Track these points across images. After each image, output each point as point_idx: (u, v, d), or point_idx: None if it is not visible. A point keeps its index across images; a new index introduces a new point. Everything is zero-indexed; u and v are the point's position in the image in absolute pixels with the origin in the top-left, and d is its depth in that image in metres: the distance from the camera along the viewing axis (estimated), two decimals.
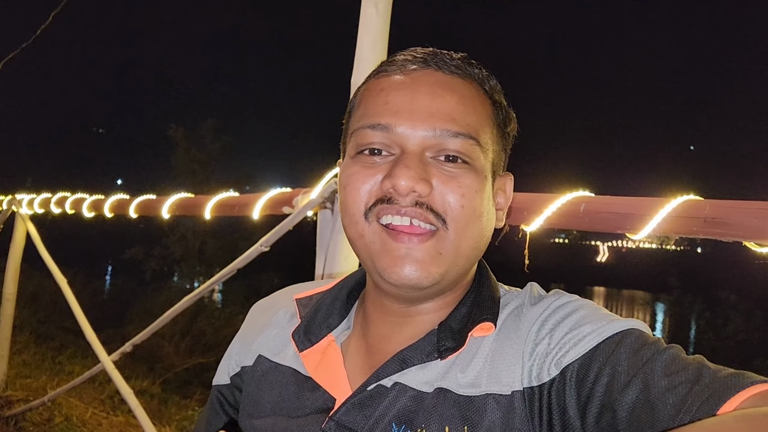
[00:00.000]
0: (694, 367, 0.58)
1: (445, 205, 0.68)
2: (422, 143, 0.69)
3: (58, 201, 3.37)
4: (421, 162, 0.69)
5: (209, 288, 2.25)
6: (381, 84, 0.74)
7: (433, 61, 0.73)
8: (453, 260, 0.70)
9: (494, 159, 0.74)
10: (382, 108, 0.71)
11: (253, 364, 0.86)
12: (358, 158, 0.72)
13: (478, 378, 0.68)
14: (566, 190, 1.32)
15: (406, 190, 0.67)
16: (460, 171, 0.69)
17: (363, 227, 0.71)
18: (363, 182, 0.71)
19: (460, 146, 0.69)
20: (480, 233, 0.72)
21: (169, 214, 2.42)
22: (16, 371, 4.59)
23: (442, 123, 0.69)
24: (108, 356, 2.88)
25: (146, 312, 11.34)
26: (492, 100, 0.75)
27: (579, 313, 0.69)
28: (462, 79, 0.73)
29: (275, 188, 1.99)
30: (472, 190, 0.69)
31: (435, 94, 0.70)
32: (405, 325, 0.76)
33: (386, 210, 0.69)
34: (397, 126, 0.69)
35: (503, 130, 0.77)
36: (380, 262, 0.70)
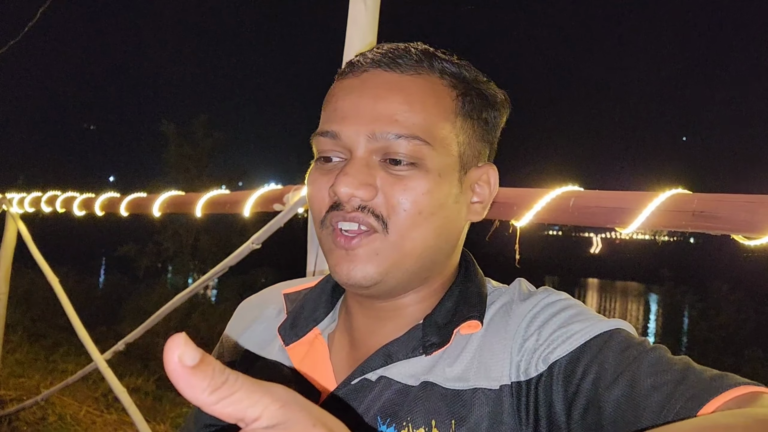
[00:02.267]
0: (680, 368, 0.58)
1: (387, 208, 0.69)
2: (367, 147, 0.70)
3: (48, 199, 3.35)
4: (367, 167, 0.69)
5: (202, 285, 2.25)
6: (335, 88, 0.75)
7: (384, 61, 0.71)
8: (396, 260, 0.70)
9: (462, 151, 0.73)
10: (332, 114, 0.72)
11: (240, 360, 0.86)
12: (317, 165, 0.75)
13: (466, 372, 0.69)
14: (556, 184, 1.33)
15: (346, 197, 0.68)
16: (407, 173, 0.69)
17: (320, 231, 0.74)
18: (318, 189, 0.73)
19: (404, 148, 0.69)
20: (432, 232, 0.71)
21: (160, 212, 2.42)
22: (9, 370, 4.58)
23: (383, 125, 0.69)
24: (101, 355, 2.88)
25: (140, 309, 11.32)
26: (456, 90, 0.74)
27: (568, 311, 0.69)
28: (412, 77, 0.71)
29: (267, 184, 1.99)
30: (419, 192, 0.69)
31: (378, 96, 0.70)
32: (386, 319, 0.77)
33: (336, 216, 0.70)
34: (342, 132, 0.70)
35: (477, 117, 0.75)
36: (328, 262, 0.73)
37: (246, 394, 0.31)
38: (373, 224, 0.69)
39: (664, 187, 1.17)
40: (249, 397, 0.32)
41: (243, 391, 0.32)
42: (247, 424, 0.32)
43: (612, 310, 21.62)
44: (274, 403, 0.32)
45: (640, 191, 1.20)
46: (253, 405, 0.32)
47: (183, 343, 0.31)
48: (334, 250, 0.71)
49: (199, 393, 0.31)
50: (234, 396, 0.31)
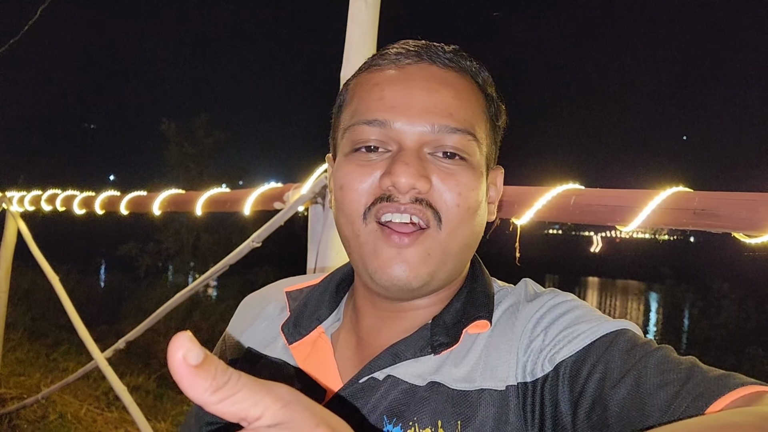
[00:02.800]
0: (686, 367, 0.58)
1: (442, 202, 0.68)
2: (420, 139, 0.69)
3: (48, 198, 3.35)
4: (420, 158, 0.68)
5: (202, 284, 2.25)
6: (374, 78, 0.72)
7: (426, 55, 0.72)
8: (441, 260, 0.70)
9: (488, 153, 0.74)
10: (378, 103, 0.70)
11: (242, 357, 0.86)
12: (354, 156, 0.71)
13: (472, 373, 0.68)
14: (557, 183, 1.33)
15: (406, 187, 0.66)
16: (457, 168, 0.69)
17: (360, 227, 0.70)
18: (361, 181, 0.70)
19: (458, 142, 0.69)
20: (472, 230, 0.72)
21: (160, 210, 2.41)
22: (10, 369, 4.58)
23: (440, 118, 0.68)
24: (101, 353, 2.88)
25: (140, 308, 11.32)
26: (485, 93, 0.75)
27: (574, 312, 0.69)
28: (456, 73, 0.72)
29: (267, 183, 1.99)
30: (469, 188, 0.69)
31: (431, 89, 0.69)
32: (397, 319, 0.76)
33: (386, 208, 0.68)
34: (394, 122, 0.69)
35: (495, 123, 0.77)
36: (371, 264, 0.69)
37: (248, 394, 0.31)
38: (430, 218, 0.68)
39: (665, 185, 1.17)
40: (251, 396, 0.31)
41: (245, 391, 0.31)
42: (249, 423, 0.32)
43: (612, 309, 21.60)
44: (276, 403, 0.32)
45: (641, 189, 1.20)
46: (255, 404, 0.31)
47: (187, 342, 0.31)
48: (382, 250, 0.68)
49: (202, 392, 0.31)
50: (236, 396, 0.31)
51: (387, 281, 0.68)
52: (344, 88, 0.79)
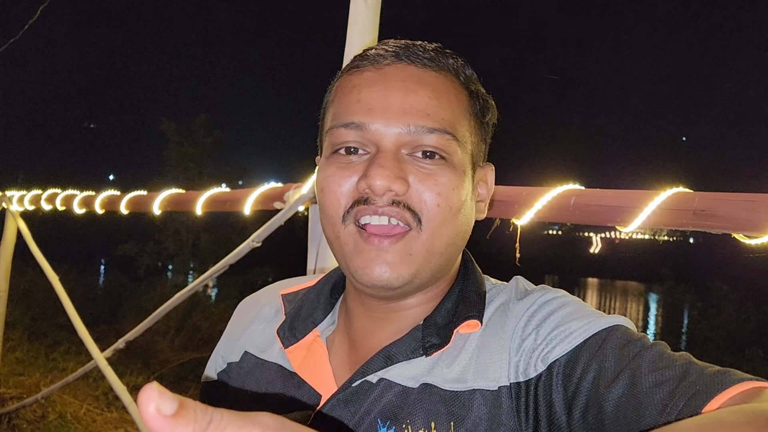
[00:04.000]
0: (681, 364, 0.58)
1: (421, 203, 0.68)
2: (397, 140, 0.69)
3: (48, 197, 3.35)
4: (397, 160, 0.68)
5: (202, 283, 2.25)
6: (353, 80, 0.73)
7: (405, 55, 0.71)
8: (424, 259, 0.69)
9: (473, 151, 0.74)
10: (355, 106, 0.70)
11: (239, 361, 0.86)
12: (334, 158, 0.72)
13: (464, 373, 0.68)
14: (557, 183, 1.33)
15: (382, 189, 0.66)
16: (436, 168, 0.69)
17: (339, 229, 0.70)
18: (339, 184, 0.70)
19: (436, 142, 0.69)
20: (456, 230, 0.71)
21: (161, 210, 2.41)
22: (9, 369, 4.59)
23: (417, 119, 0.68)
24: (101, 353, 2.88)
25: (140, 308, 11.30)
26: (468, 90, 0.75)
27: (565, 309, 0.69)
28: (435, 72, 0.72)
29: (267, 183, 1.99)
30: (449, 187, 0.69)
31: (408, 89, 0.69)
32: (388, 320, 0.76)
33: (364, 211, 0.68)
34: (370, 124, 0.69)
35: (481, 120, 0.76)
36: (352, 263, 0.70)
37: (234, 429, 0.30)
38: (408, 220, 0.68)
39: (665, 186, 1.17)
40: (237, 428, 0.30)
41: (231, 427, 0.30)
42: None
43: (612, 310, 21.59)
44: None
45: (641, 190, 1.20)
46: None
47: (156, 393, 0.29)
48: (362, 252, 0.69)
49: None
50: None
51: (368, 281, 0.69)
52: (328, 89, 0.79)
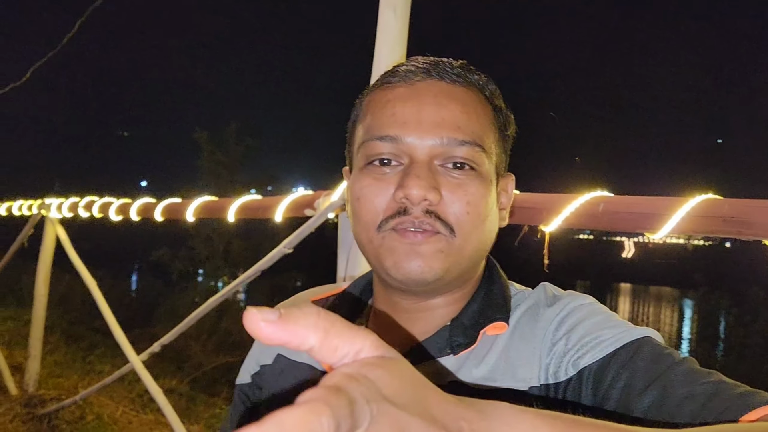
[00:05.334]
0: (712, 381, 0.59)
1: (452, 213, 0.72)
2: (430, 152, 0.72)
3: (86, 205, 3.45)
4: (431, 170, 0.71)
5: (235, 288, 2.30)
6: (386, 95, 0.76)
7: (435, 71, 0.75)
8: (456, 259, 0.73)
9: (497, 162, 0.78)
10: (390, 119, 0.74)
11: (272, 363, 0.90)
12: (368, 169, 0.75)
13: (493, 373, 0.70)
14: (585, 190, 1.33)
15: (418, 199, 0.70)
16: (466, 178, 0.72)
17: (374, 235, 0.74)
18: (376, 194, 0.74)
19: (467, 153, 0.72)
20: (483, 235, 0.75)
21: (194, 217, 2.47)
22: (48, 371, 4.71)
23: (449, 132, 0.72)
24: (137, 356, 2.95)
25: (173, 312, 11.50)
26: (492, 105, 0.78)
27: (596, 317, 0.71)
28: (464, 87, 0.76)
29: (295, 188, 2.03)
30: (478, 196, 0.73)
31: (440, 104, 0.73)
32: (416, 320, 0.79)
33: (402, 222, 0.71)
34: (405, 136, 0.72)
35: (504, 133, 0.80)
36: (387, 260, 0.73)
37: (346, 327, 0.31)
38: (440, 228, 0.71)
39: (698, 191, 1.17)
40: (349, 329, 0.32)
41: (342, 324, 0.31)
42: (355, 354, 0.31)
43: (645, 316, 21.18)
44: (371, 335, 0.32)
45: (670, 197, 1.20)
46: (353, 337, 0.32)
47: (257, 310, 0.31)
48: (397, 248, 0.72)
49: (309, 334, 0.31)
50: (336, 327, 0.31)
51: (403, 275, 0.72)
52: (357, 104, 0.83)
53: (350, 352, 0.31)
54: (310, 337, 0.31)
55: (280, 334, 0.30)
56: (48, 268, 4.09)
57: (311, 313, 0.31)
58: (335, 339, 0.31)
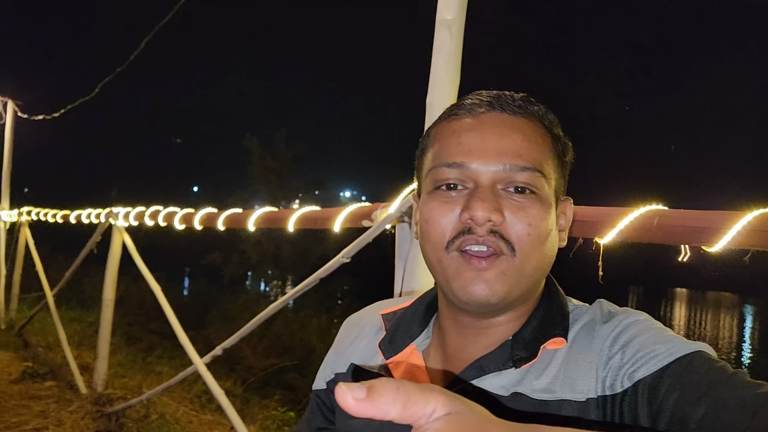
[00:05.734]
0: (763, 392, 0.61)
1: (514, 233, 0.77)
2: (493, 177, 0.78)
3: (151, 214, 3.63)
4: (494, 194, 0.77)
5: (295, 295, 2.40)
6: (452, 126, 0.83)
7: (497, 104, 0.82)
8: (516, 280, 0.78)
9: (556, 186, 0.83)
10: (456, 148, 0.80)
11: (346, 371, 0.96)
12: (436, 193, 0.82)
13: (553, 384, 0.75)
14: (641, 203, 1.36)
15: (482, 220, 0.76)
16: (527, 201, 0.78)
17: (442, 255, 0.80)
18: (443, 216, 0.80)
19: (527, 178, 0.78)
20: (543, 255, 0.80)
21: (255, 227, 2.58)
22: (113, 371, 4.92)
23: (511, 159, 0.78)
24: (200, 359, 3.08)
25: (225, 315, 11.80)
26: (551, 133, 0.84)
27: (649, 332, 0.75)
28: (524, 118, 0.82)
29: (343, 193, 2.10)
30: (539, 218, 0.78)
31: (502, 134, 0.79)
32: (479, 336, 0.84)
33: (467, 240, 0.77)
34: (470, 163, 0.79)
35: (562, 159, 0.85)
36: (454, 283, 0.79)
37: (420, 394, 0.37)
38: (502, 247, 0.77)
39: (756, 206, 1.18)
40: (422, 395, 0.37)
41: (417, 392, 0.37)
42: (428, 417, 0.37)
43: (703, 322, 20.45)
44: (441, 395, 0.37)
45: (726, 211, 1.21)
46: (426, 402, 0.37)
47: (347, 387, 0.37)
48: (463, 272, 0.78)
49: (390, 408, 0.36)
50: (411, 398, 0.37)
51: (468, 298, 0.77)
52: (426, 134, 0.89)
53: (425, 415, 0.37)
54: (390, 411, 0.36)
55: (366, 410, 0.37)
56: (115, 273, 4.30)
57: (391, 388, 0.37)
58: (412, 408, 0.37)
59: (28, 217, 6.70)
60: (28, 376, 4.88)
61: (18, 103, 8.02)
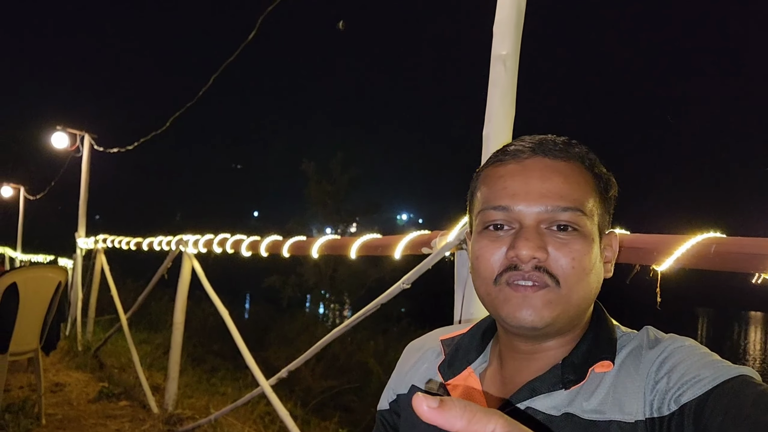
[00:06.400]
0: None
1: (559, 267, 0.83)
2: (537, 218, 0.85)
3: (219, 241, 3.81)
4: (538, 233, 0.84)
5: (359, 319, 2.48)
6: (498, 171, 0.90)
7: (539, 149, 0.88)
8: (563, 308, 0.84)
9: (600, 222, 0.88)
10: (502, 192, 0.87)
11: (407, 392, 1.04)
12: (485, 233, 0.89)
13: (602, 406, 0.80)
14: (698, 230, 1.38)
15: (527, 257, 0.82)
16: (570, 237, 0.84)
17: (491, 288, 0.87)
18: (492, 254, 0.87)
19: (569, 217, 0.84)
20: (588, 287, 0.86)
21: (318, 254, 2.70)
22: (181, 392, 5.11)
23: (553, 200, 0.84)
24: (266, 380, 3.20)
25: (284, 337, 12.02)
26: (593, 172, 0.89)
27: (695, 357, 0.79)
28: (566, 161, 0.88)
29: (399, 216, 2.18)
30: (581, 253, 0.84)
31: (545, 178, 0.86)
32: (531, 360, 0.90)
33: (513, 276, 0.84)
34: (515, 206, 0.85)
35: (605, 195, 0.91)
36: (503, 310, 0.85)
37: (483, 414, 0.43)
38: (547, 281, 0.83)
39: None
40: (485, 416, 0.43)
41: (481, 413, 0.43)
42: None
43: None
44: (501, 418, 0.43)
45: None
46: (488, 422, 0.42)
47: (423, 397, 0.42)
48: (511, 299, 0.85)
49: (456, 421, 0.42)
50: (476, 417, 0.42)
51: (517, 323, 0.84)
52: (475, 176, 0.97)
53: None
54: (457, 423, 0.42)
55: (437, 419, 0.42)
56: (185, 297, 4.51)
57: (460, 405, 0.43)
58: (475, 425, 0.42)
59: (104, 244, 7.08)
60: (104, 396, 5.13)
61: (93, 137, 8.56)
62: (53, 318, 4.40)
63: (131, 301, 6.73)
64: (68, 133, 8.49)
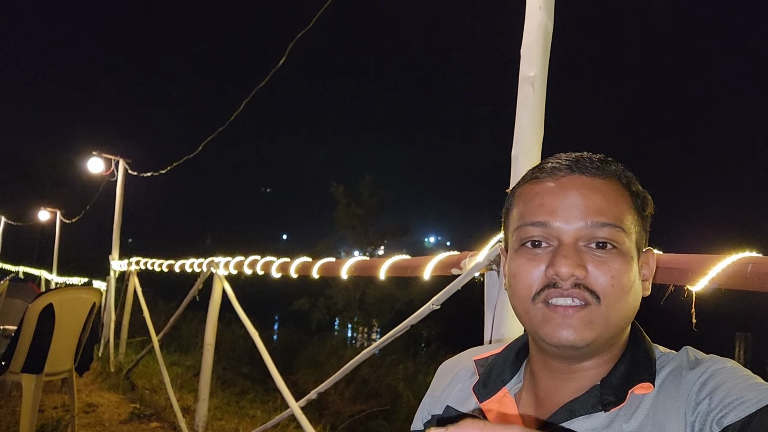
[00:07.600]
0: None
1: (599, 284, 0.82)
2: (576, 234, 0.84)
3: (250, 263, 3.85)
4: (576, 250, 0.83)
5: (388, 340, 2.48)
6: (535, 189, 0.90)
7: (576, 167, 0.88)
8: (603, 327, 0.82)
9: (637, 239, 0.87)
10: (539, 209, 0.87)
11: (442, 413, 1.03)
12: (522, 251, 0.88)
13: (642, 428, 0.79)
14: (734, 250, 1.35)
15: (567, 275, 0.82)
16: (609, 255, 0.83)
17: (529, 307, 0.86)
18: (530, 272, 0.86)
19: (608, 234, 0.83)
20: (627, 305, 0.84)
21: (348, 275, 2.71)
22: (211, 414, 5.14)
23: (592, 216, 0.84)
24: (296, 402, 3.20)
25: (312, 360, 11.99)
26: (630, 190, 0.89)
27: (736, 379, 0.77)
28: (602, 179, 0.87)
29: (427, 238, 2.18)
30: (621, 271, 0.83)
31: (583, 195, 0.85)
32: (568, 380, 0.88)
33: (552, 294, 0.83)
34: (554, 222, 0.85)
35: (642, 213, 0.90)
36: (542, 330, 0.84)
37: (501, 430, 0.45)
38: (588, 298, 0.82)
39: None
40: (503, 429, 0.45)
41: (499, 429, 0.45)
42: None
43: None
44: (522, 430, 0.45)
45: None
46: None
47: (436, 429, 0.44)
48: (550, 319, 0.84)
49: None
50: None
51: (557, 342, 0.82)
52: (511, 194, 0.97)
53: None
54: None
55: None
56: (215, 319, 4.56)
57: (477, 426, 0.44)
58: None
59: (137, 266, 7.22)
60: (136, 417, 5.19)
61: (128, 161, 8.78)
62: (87, 339, 4.48)
63: (162, 323, 6.82)
64: (103, 158, 8.75)
